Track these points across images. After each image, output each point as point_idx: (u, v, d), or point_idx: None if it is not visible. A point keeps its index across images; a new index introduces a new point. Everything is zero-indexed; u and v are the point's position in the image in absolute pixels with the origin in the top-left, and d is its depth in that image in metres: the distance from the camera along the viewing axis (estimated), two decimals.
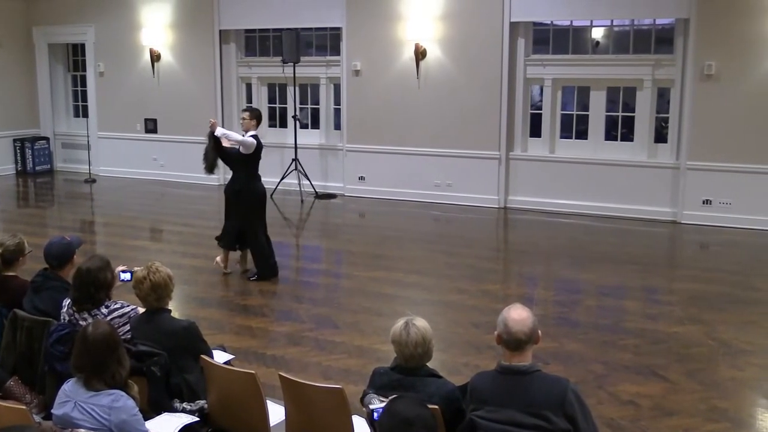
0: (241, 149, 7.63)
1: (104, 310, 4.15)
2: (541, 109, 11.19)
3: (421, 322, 3.48)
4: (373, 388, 3.50)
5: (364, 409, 3.37)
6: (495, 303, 6.78)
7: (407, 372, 3.45)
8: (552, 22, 11.00)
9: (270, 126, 13.32)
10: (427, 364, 3.52)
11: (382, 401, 3.22)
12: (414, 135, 11.56)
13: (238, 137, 7.68)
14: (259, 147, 7.76)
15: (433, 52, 11.28)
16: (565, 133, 11.15)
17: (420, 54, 11.29)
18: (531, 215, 10.80)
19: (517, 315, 3.25)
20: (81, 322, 4.03)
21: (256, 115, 7.87)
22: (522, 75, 11.02)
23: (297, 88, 12.36)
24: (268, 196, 7.79)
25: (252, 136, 7.65)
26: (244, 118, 7.82)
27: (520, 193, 11.14)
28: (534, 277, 8.28)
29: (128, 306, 4.24)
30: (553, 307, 7.02)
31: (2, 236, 5.02)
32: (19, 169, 14.84)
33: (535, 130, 11.24)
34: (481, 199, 11.25)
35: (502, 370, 3.27)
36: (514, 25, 10.83)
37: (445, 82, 11.28)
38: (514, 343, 3.22)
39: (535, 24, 11.02)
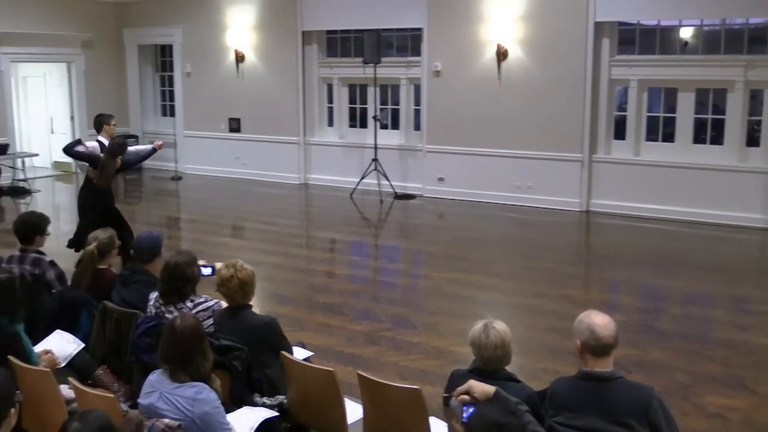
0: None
1: (189, 304, 4.25)
2: (625, 111, 10.92)
3: (500, 325, 3.44)
4: (451, 391, 3.47)
5: (449, 409, 3.31)
6: (575, 308, 6.61)
7: (486, 375, 3.40)
8: (638, 21, 10.73)
9: (350, 126, 13.45)
10: (506, 367, 3.48)
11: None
12: (494, 136, 11.46)
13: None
14: None
15: (515, 53, 11.16)
16: (651, 136, 10.86)
17: (501, 55, 11.18)
18: (614, 219, 10.55)
19: (601, 320, 3.19)
20: (167, 315, 4.14)
21: None
22: (606, 76, 10.78)
23: (377, 89, 12.41)
24: (348, 195, 7.88)
25: None
26: (115, 125, 8.11)
27: (604, 196, 10.90)
28: (617, 283, 8.08)
29: (212, 300, 4.34)
30: (637, 314, 6.84)
31: (95, 231, 5.22)
32: None
33: (620, 133, 10.99)
34: (563, 202, 11.06)
35: (584, 376, 3.20)
36: (598, 25, 10.61)
37: (527, 84, 11.13)
38: (602, 348, 3.15)
39: (620, 24, 10.77)
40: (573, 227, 10.45)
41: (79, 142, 8.11)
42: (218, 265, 4.59)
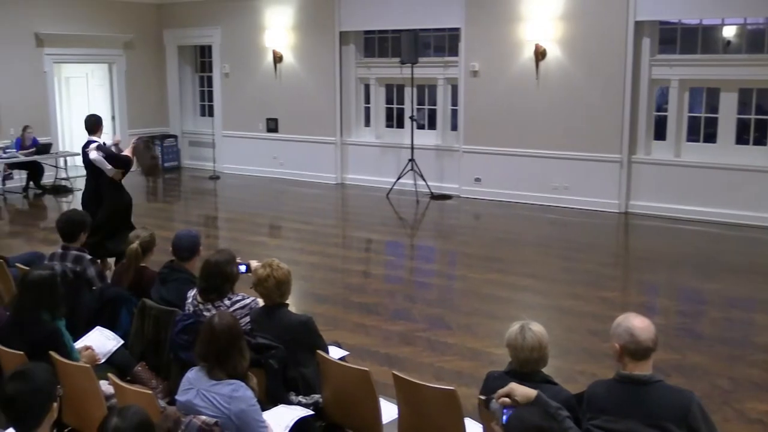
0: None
1: (227, 302, 4.29)
2: (665, 111, 10.77)
3: (537, 327, 3.42)
4: (487, 392, 3.46)
5: (488, 411, 3.29)
6: (612, 311, 6.55)
7: (522, 377, 3.38)
8: (680, 20, 10.57)
9: (387, 126, 13.46)
10: (542, 370, 3.45)
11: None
12: (532, 136, 11.38)
13: None
14: None
15: (553, 53, 11.06)
16: (692, 137, 10.68)
17: (539, 55, 11.10)
18: (654, 221, 10.40)
19: (641, 323, 3.15)
20: (205, 313, 4.18)
21: None
22: (647, 76, 10.63)
23: (414, 89, 12.39)
24: (385, 195, 7.93)
25: None
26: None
27: (643, 197, 10.75)
28: (656, 286, 7.97)
29: (249, 298, 4.37)
30: (676, 317, 6.74)
31: (135, 230, 5.30)
32: None
33: (660, 133, 10.83)
34: (601, 203, 10.94)
35: (622, 379, 3.17)
36: (639, 24, 10.47)
37: (566, 83, 11.03)
38: (642, 351, 3.12)
39: (661, 23, 10.62)
40: (611, 228, 10.34)
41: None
42: (253, 263, 4.64)
